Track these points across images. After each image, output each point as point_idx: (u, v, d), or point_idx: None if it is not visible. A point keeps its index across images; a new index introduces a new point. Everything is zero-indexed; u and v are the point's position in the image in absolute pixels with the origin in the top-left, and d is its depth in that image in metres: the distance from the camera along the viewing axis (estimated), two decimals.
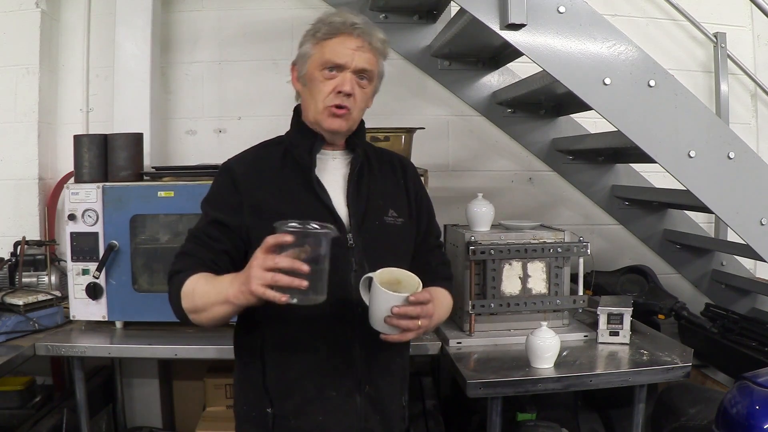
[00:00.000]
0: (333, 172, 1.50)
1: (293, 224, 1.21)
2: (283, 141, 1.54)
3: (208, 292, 1.31)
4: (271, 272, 1.17)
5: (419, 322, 1.31)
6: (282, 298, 1.16)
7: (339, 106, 1.43)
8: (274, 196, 1.43)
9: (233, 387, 1.57)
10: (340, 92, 1.42)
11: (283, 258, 1.17)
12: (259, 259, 1.19)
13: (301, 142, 1.49)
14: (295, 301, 1.18)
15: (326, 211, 1.44)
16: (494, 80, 2.97)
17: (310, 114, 1.47)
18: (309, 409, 1.42)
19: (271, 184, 1.45)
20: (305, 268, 1.17)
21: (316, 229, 1.22)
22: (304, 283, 1.17)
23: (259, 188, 1.45)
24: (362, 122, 1.56)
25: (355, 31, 1.43)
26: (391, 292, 1.29)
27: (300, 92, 1.51)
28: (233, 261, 1.42)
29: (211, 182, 1.49)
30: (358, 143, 1.53)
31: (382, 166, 1.57)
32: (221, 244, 1.42)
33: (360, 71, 1.44)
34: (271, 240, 1.19)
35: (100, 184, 2.25)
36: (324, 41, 1.44)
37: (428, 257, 1.60)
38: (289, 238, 1.18)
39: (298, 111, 1.55)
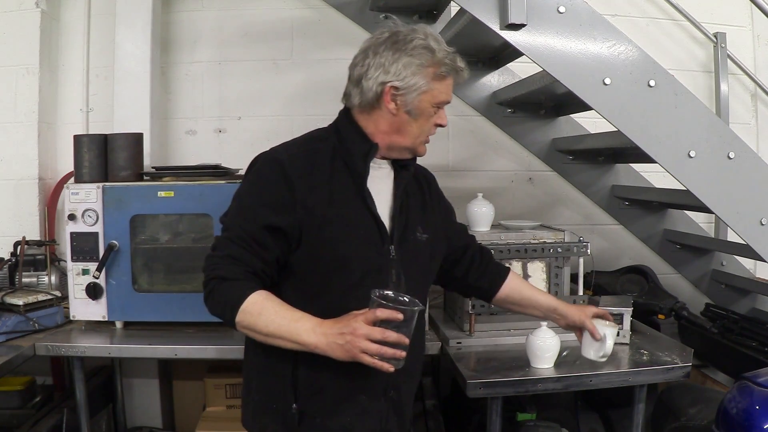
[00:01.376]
0: (377, 182, 1.52)
1: (386, 294, 1.33)
2: (328, 138, 1.51)
3: (280, 325, 1.35)
4: (376, 344, 1.28)
5: None
6: (390, 368, 1.31)
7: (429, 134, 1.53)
8: (325, 200, 1.43)
9: (245, 373, 1.56)
10: (441, 126, 1.53)
11: (392, 333, 1.29)
12: (364, 329, 1.28)
13: (356, 147, 1.49)
14: (392, 369, 1.31)
15: (373, 221, 1.47)
16: (494, 80, 2.96)
17: (408, 142, 1.51)
18: (338, 410, 1.45)
19: (322, 187, 1.44)
20: (406, 341, 1.31)
21: (416, 304, 1.34)
22: (404, 354, 1.31)
23: (312, 189, 1.43)
24: None
25: (461, 72, 1.50)
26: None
27: (397, 118, 1.48)
28: (279, 267, 1.45)
29: (209, 182, 1.49)
30: (412, 162, 1.58)
31: (413, 182, 1.62)
32: (273, 252, 1.42)
33: None
34: (381, 315, 1.29)
35: (100, 184, 2.25)
36: (443, 80, 1.48)
37: (468, 240, 1.80)
38: (400, 317, 1.29)
39: (347, 114, 1.53)
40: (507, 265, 2.10)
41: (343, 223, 1.43)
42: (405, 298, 1.34)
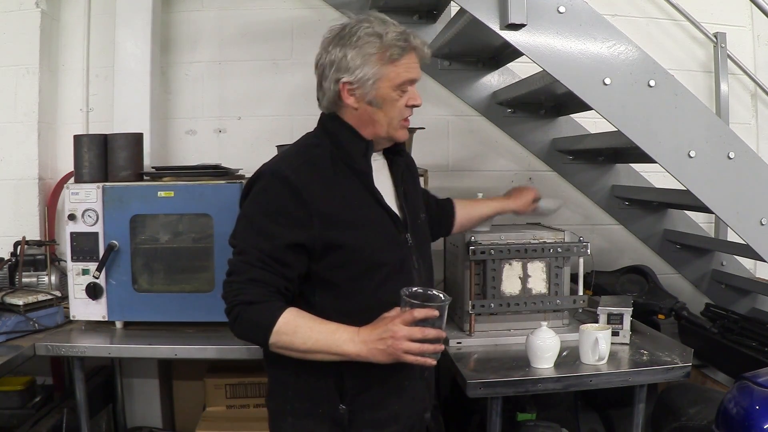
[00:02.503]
0: (377, 175, 1.53)
1: (415, 291, 1.37)
2: (322, 144, 1.51)
3: (318, 340, 1.38)
4: (417, 343, 1.33)
5: None
6: (433, 362, 1.38)
7: (405, 119, 1.52)
8: (340, 204, 1.44)
9: (275, 383, 1.55)
10: (414, 106, 1.52)
11: (430, 330, 1.33)
12: (404, 331, 1.32)
13: (354, 147, 1.49)
14: (435, 362, 1.39)
15: (387, 214, 1.50)
16: (494, 80, 2.96)
17: (382, 130, 1.50)
18: (386, 401, 1.50)
19: (333, 193, 1.44)
20: (444, 335, 1.37)
21: (446, 297, 1.38)
22: (442, 347, 1.38)
23: (323, 198, 1.43)
24: None
25: (419, 48, 1.48)
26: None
27: (361, 111, 1.49)
28: (301, 281, 1.46)
29: (209, 182, 1.50)
30: (403, 148, 1.61)
31: (405, 168, 1.65)
32: (295, 269, 1.42)
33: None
34: (419, 315, 1.32)
35: (100, 184, 2.25)
36: (397, 61, 1.46)
37: (432, 206, 1.91)
38: (436, 313, 1.34)
39: (330, 115, 1.54)
40: (507, 264, 2.13)
41: (362, 224, 1.45)
42: (434, 292, 1.39)
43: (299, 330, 1.37)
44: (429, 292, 1.38)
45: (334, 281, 1.46)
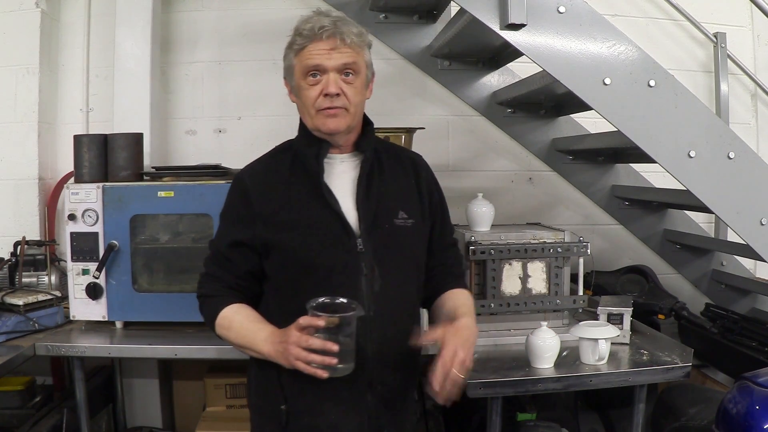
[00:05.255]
0: (341, 176, 1.52)
1: (322, 301, 1.33)
2: (291, 147, 1.58)
3: (244, 336, 1.49)
4: (305, 351, 1.31)
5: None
6: (323, 374, 1.32)
7: (329, 107, 1.45)
8: (284, 207, 1.48)
9: (248, 379, 1.62)
10: (327, 95, 1.44)
11: (315, 340, 1.31)
12: (294, 337, 1.33)
13: (307, 149, 1.52)
14: (326, 375, 1.32)
15: (335, 218, 1.46)
16: (494, 80, 2.96)
17: (308, 122, 1.51)
18: (323, 408, 1.46)
19: (281, 194, 1.50)
20: (335, 348, 1.30)
21: (351, 309, 1.33)
22: (334, 361, 1.31)
23: (269, 199, 1.50)
24: (371, 122, 1.58)
25: (324, 34, 1.44)
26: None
27: (297, 104, 1.54)
28: (255, 277, 1.54)
29: (209, 182, 1.54)
30: (367, 145, 1.54)
31: (393, 166, 1.58)
32: (242, 266, 1.53)
33: (342, 68, 1.45)
34: (303, 322, 1.31)
35: (100, 184, 2.25)
36: (301, 51, 1.47)
37: (443, 257, 1.64)
38: (321, 323, 1.30)
39: (300, 120, 1.56)
40: (507, 264, 2.13)
41: (303, 226, 1.47)
42: (343, 301, 1.34)
43: (233, 326, 1.49)
44: (338, 301, 1.34)
45: (278, 281, 1.51)
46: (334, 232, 1.46)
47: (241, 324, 1.49)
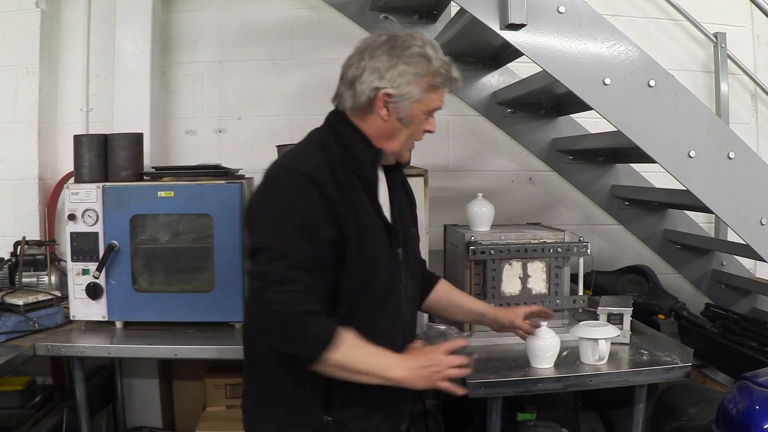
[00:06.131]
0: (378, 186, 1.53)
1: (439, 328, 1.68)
2: (331, 146, 1.47)
3: (370, 362, 1.39)
4: (457, 369, 1.44)
5: None
6: (463, 391, 1.51)
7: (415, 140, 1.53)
8: (351, 212, 1.41)
9: (257, 391, 1.53)
10: (426, 131, 1.52)
11: (461, 358, 1.44)
12: (448, 360, 1.43)
13: (363, 154, 1.46)
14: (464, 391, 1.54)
15: (384, 227, 1.49)
16: (494, 80, 2.96)
17: (395, 147, 1.49)
18: (370, 414, 1.50)
19: (345, 197, 1.41)
20: (468, 366, 1.47)
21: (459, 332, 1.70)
22: (469, 371, 1.49)
23: (341, 201, 1.40)
24: None
25: (456, 81, 1.49)
26: None
27: (388, 124, 1.46)
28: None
29: (209, 182, 1.48)
30: (403, 164, 1.60)
31: (398, 177, 1.62)
32: (332, 269, 1.40)
33: None
34: (449, 347, 1.45)
35: (100, 184, 2.25)
36: (437, 90, 1.47)
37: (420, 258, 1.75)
38: (464, 343, 1.52)
39: (343, 118, 1.49)
40: (507, 264, 2.13)
41: (368, 234, 1.43)
42: (442, 328, 1.67)
43: (358, 350, 1.37)
44: (440, 326, 1.63)
45: (337, 297, 1.42)
46: (385, 241, 1.48)
47: (366, 349, 1.38)
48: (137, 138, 2.40)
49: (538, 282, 2.16)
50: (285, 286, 1.33)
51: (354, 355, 1.37)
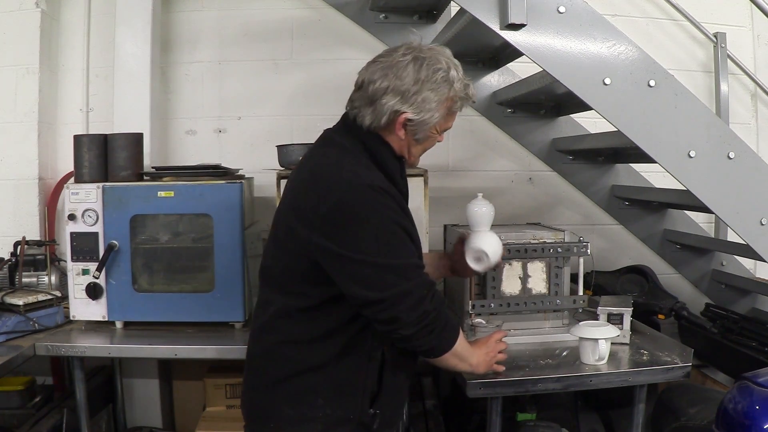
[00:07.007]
0: None
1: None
2: (361, 156, 1.49)
3: (466, 349, 1.59)
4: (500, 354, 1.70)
5: None
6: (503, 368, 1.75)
7: None
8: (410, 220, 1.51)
9: (301, 390, 1.49)
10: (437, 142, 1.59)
11: (503, 344, 1.72)
12: (500, 346, 1.70)
13: (393, 167, 1.53)
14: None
15: (417, 236, 1.53)
16: (494, 80, 2.96)
17: (411, 160, 1.57)
18: (401, 403, 1.66)
19: (403, 206, 1.51)
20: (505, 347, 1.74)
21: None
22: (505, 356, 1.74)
23: (405, 211, 1.51)
24: None
25: (472, 99, 1.56)
26: None
27: (405, 142, 1.51)
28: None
29: (209, 182, 1.49)
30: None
31: None
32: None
33: None
34: (499, 336, 1.72)
35: (100, 184, 2.25)
36: (454, 114, 1.55)
37: None
38: (504, 333, 1.76)
39: (375, 136, 1.50)
40: (507, 264, 2.13)
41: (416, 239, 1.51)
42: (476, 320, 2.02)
43: (462, 340, 1.56)
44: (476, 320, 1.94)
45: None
46: (418, 249, 1.54)
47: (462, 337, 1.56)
48: (137, 138, 2.40)
49: (538, 282, 2.16)
50: (428, 292, 1.44)
51: (463, 342, 1.56)
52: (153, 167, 2.53)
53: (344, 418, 1.48)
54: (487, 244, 1.78)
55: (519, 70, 2.88)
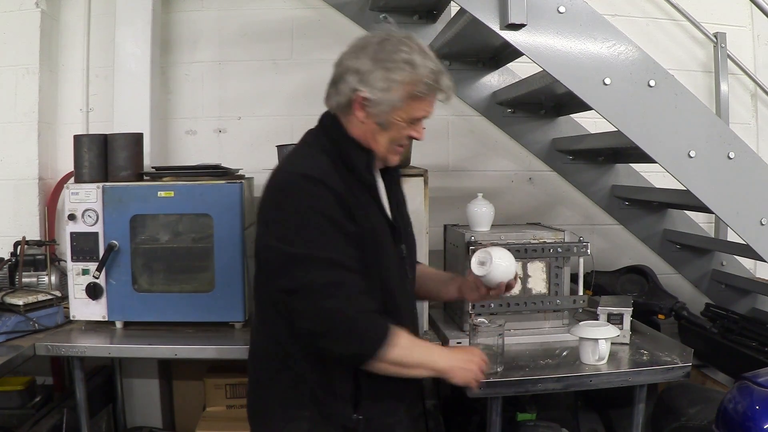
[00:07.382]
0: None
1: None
2: (331, 150, 1.47)
3: (422, 355, 1.47)
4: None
5: None
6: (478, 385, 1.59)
7: (401, 145, 1.50)
8: (360, 212, 1.42)
9: (289, 388, 1.49)
10: (411, 137, 1.49)
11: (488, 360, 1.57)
12: (480, 360, 1.53)
13: (357, 158, 1.46)
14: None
15: (389, 225, 1.50)
16: (494, 80, 2.96)
17: (380, 150, 1.47)
18: (396, 408, 1.55)
19: (355, 198, 1.42)
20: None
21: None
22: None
23: (353, 203, 1.41)
24: None
25: (445, 90, 1.46)
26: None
27: (366, 127, 1.46)
28: None
29: (209, 182, 1.48)
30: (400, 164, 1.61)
31: (393, 173, 1.63)
32: (359, 261, 1.41)
33: None
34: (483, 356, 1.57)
35: (100, 184, 2.25)
36: (418, 100, 1.43)
37: None
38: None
39: (334, 121, 1.49)
40: None
41: (378, 233, 1.45)
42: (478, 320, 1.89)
43: (415, 347, 1.46)
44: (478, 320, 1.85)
45: None
46: (390, 240, 1.50)
47: (417, 343, 1.49)
48: (137, 138, 2.39)
49: (538, 282, 2.16)
50: (335, 290, 1.34)
51: (407, 349, 1.42)
52: (153, 167, 2.52)
53: (328, 420, 1.47)
54: (495, 250, 1.64)
55: (519, 70, 2.88)
